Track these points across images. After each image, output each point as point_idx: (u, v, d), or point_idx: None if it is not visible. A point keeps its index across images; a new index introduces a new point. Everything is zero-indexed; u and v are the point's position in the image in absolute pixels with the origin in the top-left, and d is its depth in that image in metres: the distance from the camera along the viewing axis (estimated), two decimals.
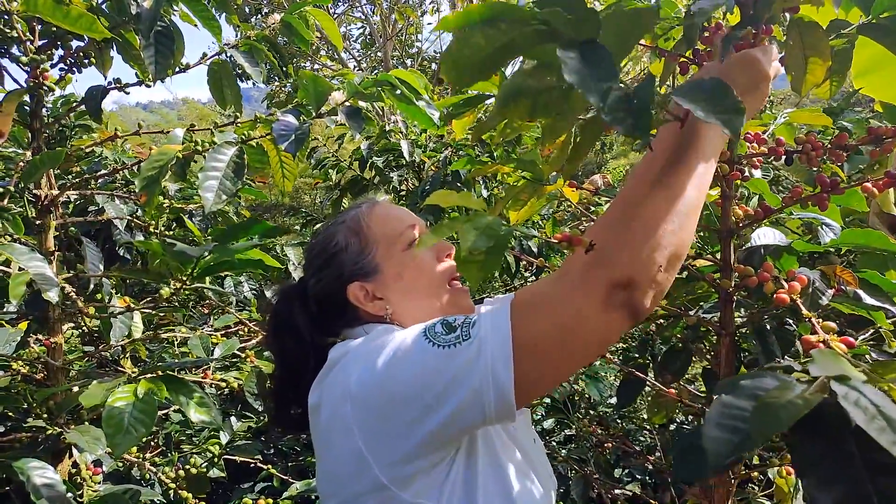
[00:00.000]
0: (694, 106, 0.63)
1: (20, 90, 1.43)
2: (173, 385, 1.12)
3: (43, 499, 1.17)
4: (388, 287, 0.95)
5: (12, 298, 1.27)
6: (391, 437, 0.75)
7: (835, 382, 0.53)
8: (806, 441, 0.56)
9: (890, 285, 0.98)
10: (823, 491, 0.53)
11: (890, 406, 0.51)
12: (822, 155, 1.00)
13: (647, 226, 0.70)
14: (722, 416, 0.54)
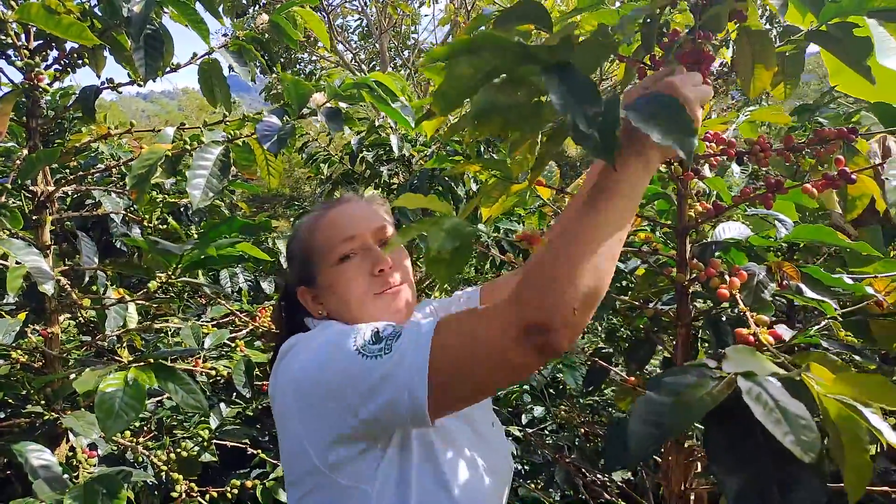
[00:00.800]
0: (647, 128, 0.68)
1: (16, 91, 1.49)
2: (162, 373, 1.19)
3: (40, 479, 1.24)
4: (325, 296, 1.03)
5: (10, 291, 1.34)
6: (320, 426, 0.84)
7: (741, 378, 0.59)
8: (717, 431, 0.62)
9: (830, 279, 1.04)
10: (731, 476, 0.59)
11: (788, 401, 0.57)
12: (769, 155, 1.06)
13: (564, 271, 0.70)
14: (645, 412, 0.61)
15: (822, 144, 1.06)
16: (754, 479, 0.56)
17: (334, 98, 1.42)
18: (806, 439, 0.53)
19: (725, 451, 0.58)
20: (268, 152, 1.52)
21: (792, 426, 0.54)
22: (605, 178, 0.75)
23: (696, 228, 1.12)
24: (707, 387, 0.59)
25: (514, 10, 1.02)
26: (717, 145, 1.16)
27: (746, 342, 0.73)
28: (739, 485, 0.56)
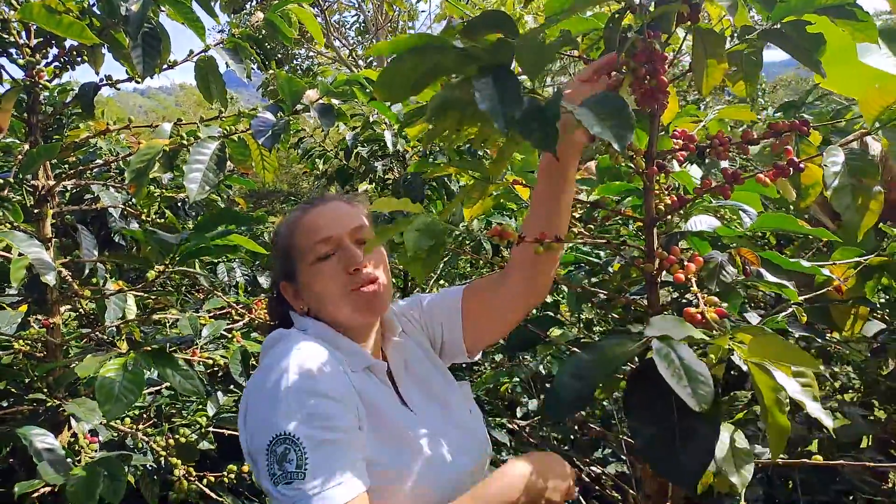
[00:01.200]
0: (589, 122, 0.74)
1: (17, 88, 1.54)
2: (160, 359, 1.24)
3: (44, 462, 1.30)
4: (304, 292, 1.09)
5: (13, 281, 1.39)
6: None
7: (655, 340, 0.66)
8: (635, 390, 0.71)
9: (788, 263, 1.10)
10: (644, 427, 0.67)
11: (695, 362, 0.64)
12: (729, 149, 1.11)
13: None
14: (574, 367, 0.68)
15: (777, 137, 1.12)
16: (662, 430, 0.63)
17: (327, 95, 1.47)
18: (702, 393, 0.59)
19: (640, 406, 0.66)
20: (262, 147, 1.58)
21: (691, 381, 0.60)
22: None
23: (664, 220, 1.17)
24: (626, 346, 0.66)
25: (481, 20, 1.07)
26: (682, 141, 1.22)
27: (693, 319, 0.78)
28: (650, 435, 0.63)
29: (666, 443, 0.66)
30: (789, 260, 1.09)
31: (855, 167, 0.94)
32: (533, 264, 1.13)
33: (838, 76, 1.66)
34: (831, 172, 0.91)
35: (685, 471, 0.66)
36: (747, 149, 1.08)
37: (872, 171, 0.93)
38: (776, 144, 1.15)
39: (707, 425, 0.66)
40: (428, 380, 1.13)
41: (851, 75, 1.60)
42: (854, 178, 0.93)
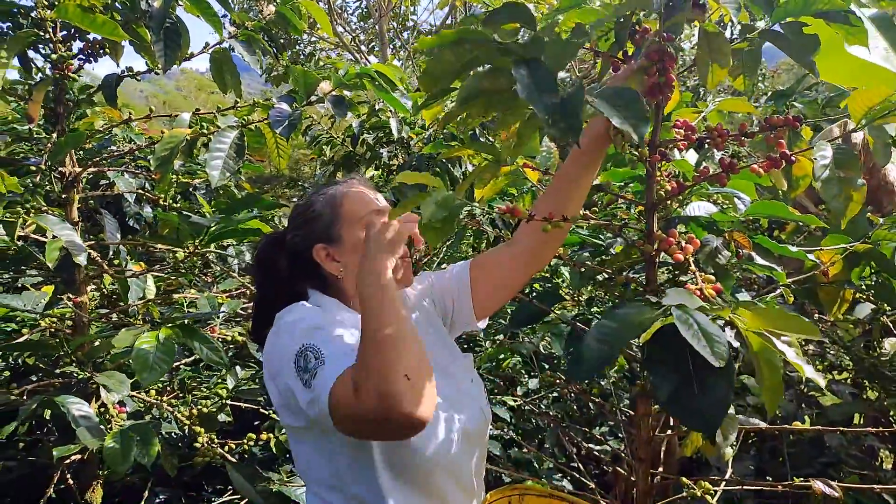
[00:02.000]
0: (609, 113, 0.83)
1: (47, 80, 1.63)
2: (187, 332, 1.34)
3: (81, 427, 1.40)
4: (345, 255, 1.16)
5: (48, 261, 1.49)
6: (286, 402, 1.01)
7: (675, 308, 0.75)
8: (655, 350, 0.79)
9: (777, 248, 1.19)
10: (664, 382, 0.77)
11: (709, 325, 0.73)
12: (726, 140, 1.20)
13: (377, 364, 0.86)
14: (598, 333, 0.78)
15: (772, 131, 1.21)
16: (680, 384, 0.73)
17: (339, 87, 1.56)
18: (718, 350, 0.69)
19: (660, 364, 0.75)
20: (278, 136, 1.67)
21: (709, 341, 0.70)
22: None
23: (664, 205, 1.27)
24: (647, 313, 0.76)
25: (501, 11, 1.17)
26: (683, 131, 1.31)
27: (694, 295, 0.88)
28: (670, 388, 0.73)
29: (687, 394, 0.74)
30: (778, 245, 1.18)
31: (841, 161, 1.03)
32: (540, 238, 1.23)
33: (829, 67, 1.76)
34: (820, 165, 1.00)
35: (705, 417, 0.74)
36: (744, 141, 1.18)
37: (855, 165, 1.02)
38: (771, 137, 1.24)
39: (723, 379, 0.74)
40: (431, 349, 1.23)
41: (841, 66, 1.69)
42: (840, 170, 1.02)
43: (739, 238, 1.20)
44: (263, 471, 2.23)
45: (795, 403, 2.66)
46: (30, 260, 2.45)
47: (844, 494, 1.64)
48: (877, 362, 2.36)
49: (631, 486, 1.52)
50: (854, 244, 1.45)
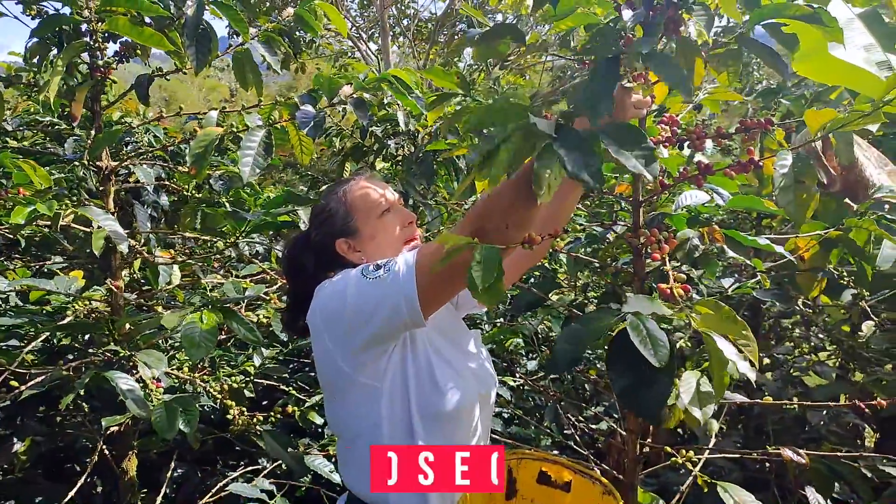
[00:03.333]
0: (622, 157, 0.95)
1: (89, 82, 1.77)
2: (227, 314, 1.50)
3: (129, 399, 1.56)
4: (365, 243, 1.33)
5: (95, 250, 1.64)
6: (346, 337, 1.16)
7: (629, 315, 0.90)
8: (615, 351, 0.94)
9: (747, 241, 1.34)
10: (620, 378, 0.92)
11: (658, 331, 0.88)
12: (704, 141, 1.35)
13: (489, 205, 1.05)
14: (567, 335, 0.94)
15: (746, 132, 1.36)
16: (635, 379, 0.89)
17: (360, 90, 1.70)
18: (660, 354, 0.85)
19: (618, 362, 0.91)
20: (302, 134, 1.81)
21: (654, 345, 0.85)
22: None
23: (649, 201, 1.42)
24: (608, 320, 0.91)
25: (494, 30, 1.32)
26: (669, 127, 1.45)
27: (664, 293, 1.02)
28: (623, 384, 0.89)
29: (636, 389, 0.91)
30: (748, 237, 1.33)
31: (799, 170, 1.17)
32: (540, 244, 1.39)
33: (813, 67, 1.91)
34: (779, 174, 1.13)
35: (647, 407, 0.91)
36: (721, 141, 1.32)
37: (812, 173, 1.16)
38: (745, 139, 1.39)
39: (664, 376, 0.90)
40: (444, 325, 1.37)
41: (825, 66, 1.84)
42: (798, 179, 1.15)
43: (714, 233, 1.35)
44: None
45: (781, 383, 2.82)
46: (56, 246, 2.60)
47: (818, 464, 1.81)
48: (854, 344, 2.53)
49: (623, 455, 1.69)
50: (828, 231, 1.60)
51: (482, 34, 1.36)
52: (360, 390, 1.19)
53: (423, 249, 1.13)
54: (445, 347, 1.29)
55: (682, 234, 1.36)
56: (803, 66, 1.94)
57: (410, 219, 1.39)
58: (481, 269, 0.93)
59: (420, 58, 10.40)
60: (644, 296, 0.97)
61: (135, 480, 1.99)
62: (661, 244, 1.25)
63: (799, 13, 1.34)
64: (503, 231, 1.04)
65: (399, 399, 1.19)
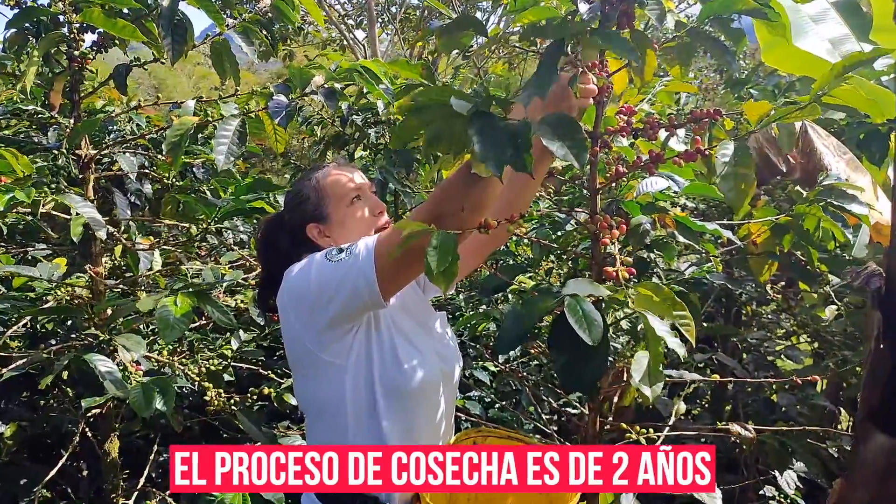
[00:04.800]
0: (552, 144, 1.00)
1: (66, 72, 1.81)
2: (202, 297, 1.56)
3: (108, 381, 1.62)
4: (334, 229, 1.38)
5: (73, 236, 1.69)
6: (311, 316, 1.22)
7: (567, 297, 0.97)
8: (557, 329, 1.01)
9: (696, 226, 1.41)
10: (560, 355, 0.99)
11: (593, 312, 0.95)
12: (658, 131, 1.41)
13: (444, 190, 1.12)
14: (512, 316, 1.00)
15: (696, 122, 1.41)
16: (572, 356, 0.95)
17: (331, 80, 1.75)
18: (594, 333, 0.91)
19: (559, 340, 0.97)
20: (275, 123, 1.86)
21: (589, 325, 0.92)
22: None
23: (606, 189, 1.47)
24: (548, 301, 0.97)
25: (456, 22, 1.37)
26: (626, 117, 1.50)
27: (610, 276, 1.09)
28: (563, 361, 0.95)
29: (572, 365, 0.97)
30: (697, 223, 1.40)
31: (739, 159, 1.23)
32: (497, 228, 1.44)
33: (779, 57, 1.97)
34: (721, 163, 1.19)
35: (583, 382, 0.99)
36: (673, 131, 1.38)
37: (750, 162, 1.22)
38: (696, 129, 1.45)
39: (599, 354, 0.97)
40: (410, 306, 1.42)
41: (789, 57, 1.91)
42: (736, 167, 1.21)
43: (666, 219, 1.41)
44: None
45: (753, 366, 2.90)
46: (39, 233, 2.64)
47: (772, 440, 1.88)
48: (819, 328, 2.61)
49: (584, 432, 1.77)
50: (779, 217, 1.67)
51: (444, 26, 1.41)
52: (325, 367, 1.25)
53: (382, 235, 1.19)
54: (410, 327, 1.35)
55: (635, 219, 1.43)
56: (769, 56, 2.00)
57: (380, 207, 1.44)
58: (437, 253, 0.98)
59: (408, 46, 10.39)
60: (584, 279, 1.03)
61: (117, 462, 2.04)
62: (611, 229, 1.31)
63: (745, 7, 1.38)
64: (459, 215, 1.10)
65: (363, 376, 1.25)
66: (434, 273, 0.96)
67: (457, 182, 1.11)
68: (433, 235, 1.00)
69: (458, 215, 1.11)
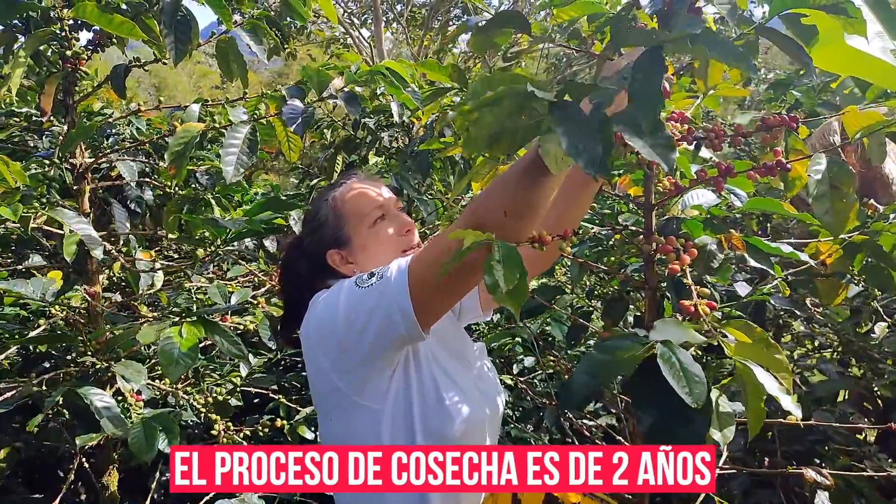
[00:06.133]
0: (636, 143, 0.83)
1: (58, 74, 1.64)
2: (209, 326, 1.39)
3: (105, 419, 1.45)
4: (357, 255, 1.23)
5: (66, 256, 1.52)
6: (341, 353, 1.06)
7: (660, 345, 0.79)
8: (641, 382, 0.82)
9: (769, 248, 1.24)
10: (646, 413, 0.81)
11: (691, 364, 0.77)
12: (723, 140, 1.24)
13: (488, 197, 0.95)
14: (587, 366, 0.82)
15: (768, 131, 1.25)
16: (664, 415, 0.78)
17: (351, 83, 1.58)
18: (697, 392, 0.73)
19: (645, 396, 0.80)
20: (289, 130, 1.69)
21: (689, 382, 0.74)
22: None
23: (662, 205, 1.31)
24: (634, 350, 0.80)
25: (497, 19, 1.20)
26: (680, 124, 1.34)
27: (687, 311, 0.92)
28: (652, 420, 0.78)
29: (668, 427, 0.79)
30: (771, 245, 1.23)
31: (835, 175, 1.06)
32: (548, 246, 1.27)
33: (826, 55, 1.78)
34: (814, 180, 1.03)
35: None
36: (740, 140, 1.22)
37: (849, 180, 1.05)
38: (767, 138, 1.28)
39: (701, 416, 0.79)
40: (447, 337, 1.28)
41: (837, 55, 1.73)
42: (833, 186, 1.05)
43: (734, 240, 1.25)
44: None
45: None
46: (34, 244, 2.48)
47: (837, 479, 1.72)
48: (866, 345, 2.44)
49: None
50: (852, 235, 1.50)
51: (484, 24, 1.23)
52: (358, 411, 1.09)
53: (417, 254, 1.03)
54: (450, 363, 1.19)
55: (699, 240, 1.26)
56: (817, 56, 1.81)
57: (409, 225, 1.27)
58: (503, 267, 0.82)
59: (414, 44, 10.22)
60: (672, 320, 0.86)
61: (116, 496, 1.88)
62: (679, 254, 1.15)
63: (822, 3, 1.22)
64: (501, 220, 0.93)
65: (402, 421, 1.09)
66: (503, 291, 0.80)
67: (504, 184, 0.95)
68: (496, 247, 0.84)
69: (500, 221, 0.94)
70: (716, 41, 0.83)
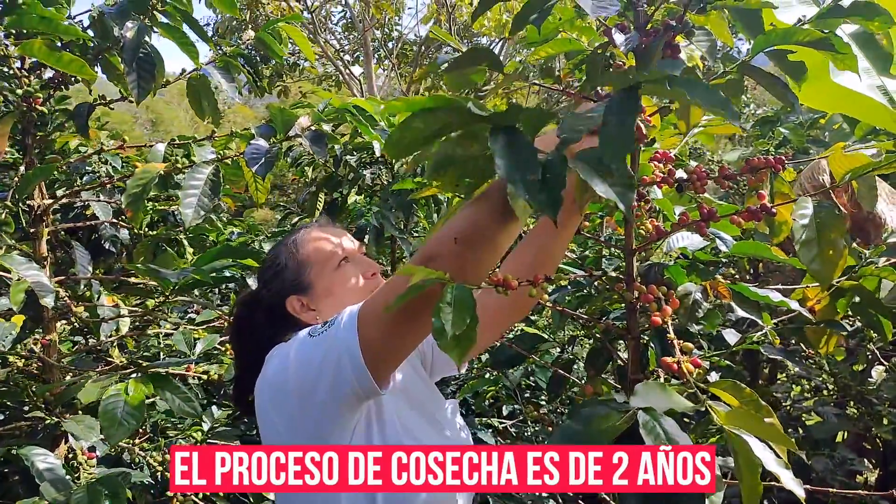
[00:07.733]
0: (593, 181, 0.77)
1: (12, 113, 1.57)
2: (159, 382, 1.29)
3: (46, 482, 1.34)
4: (320, 300, 1.14)
5: (13, 305, 1.43)
6: (295, 416, 0.97)
7: (641, 413, 0.71)
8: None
9: (757, 296, 1.16)
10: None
11: (676, 432, 0.69)
12: (706, 183, 1.17)
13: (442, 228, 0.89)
14: (563, 437, 0.73)
15: (753, 173, 1.18)
16: (647, 496, 0.69)
17: (318, 122, 1.51)
18: None
19: None
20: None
21: None
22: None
23: (644, 249, 1.23)
24: (613, 419, 0.71)
25: (467, 55, 1.13)
26: (663, 165, 1.27)
27: (670, 369, 0.84)
28: (636, 500, 0.69)
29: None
30: (759, 293, 1.15)
31: (822, 221, 0.98)
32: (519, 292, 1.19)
33: (812, 93, 1.72)
34: (799, 226, 0.95)
35: None
36: (724, 183, 1.15)
37: (839, 225, 0.98)
38: (752, 180, 1.21)
39: (689, 496, 0.71)
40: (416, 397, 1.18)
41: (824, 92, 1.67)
42: (821, 232, 0.98)
43: (719, 287, 1.17)
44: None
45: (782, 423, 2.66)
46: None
47: None
48: (864, 390, 2.35)
49: None
50: (841, 280, 1.43)
51: (453, 60, 1.17)
52: None
53: (370, 296, 0.95)
54: (419, 427, 1.09)
55: (682, 288, 1.18)
56: (803, 94, 1.75)
57: (373, 269, 1.20)
58: (452, 311, 0.74)
59: (405, 81, 10.28)
60: (654, 383, 0.78)
61: None
62: (661, 303, 1.07)
63: (809, 39, 1.16)
64: (452, 249, 0.84)
65: (363, 498, 0.98)
66: (447, 337, 0.72)
67: (465, 212, 0.88)
68: (447, 288, 0.75)
69: (452, 252, 0.86)
70: (695, 85, 0.76)
